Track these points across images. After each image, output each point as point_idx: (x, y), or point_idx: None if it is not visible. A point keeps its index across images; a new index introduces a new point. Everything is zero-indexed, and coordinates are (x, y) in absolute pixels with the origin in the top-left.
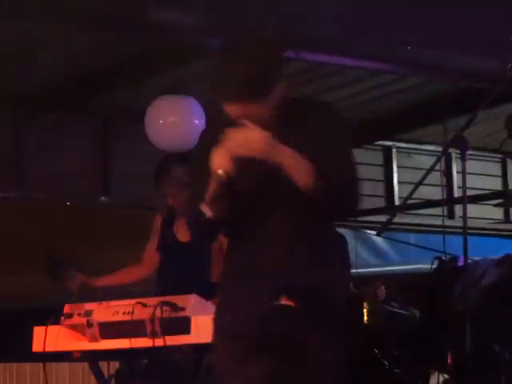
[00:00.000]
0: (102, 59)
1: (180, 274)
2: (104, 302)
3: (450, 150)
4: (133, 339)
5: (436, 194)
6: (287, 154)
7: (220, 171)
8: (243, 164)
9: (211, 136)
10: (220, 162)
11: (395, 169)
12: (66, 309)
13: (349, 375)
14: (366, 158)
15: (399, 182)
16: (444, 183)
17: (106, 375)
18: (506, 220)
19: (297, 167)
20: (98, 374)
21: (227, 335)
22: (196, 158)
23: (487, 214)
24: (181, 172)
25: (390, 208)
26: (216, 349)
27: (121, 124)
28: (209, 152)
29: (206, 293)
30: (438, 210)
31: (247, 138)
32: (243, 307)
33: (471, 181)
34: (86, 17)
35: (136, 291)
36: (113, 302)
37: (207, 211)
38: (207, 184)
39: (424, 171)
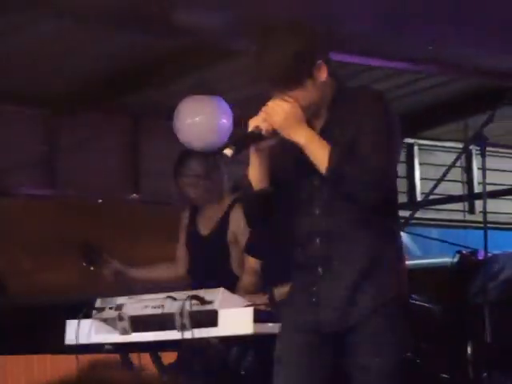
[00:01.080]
0: (131, 59)
1: (205, 267)
2: (134, 296)
3: (471, 146)
4: (162, 332)
5: (457, 189)
6: (304, 135)
7: (252, 126)
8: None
9: None
10: (254, 121)
11: (417, 165)
12: (98, 303)
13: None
14: None
15: (421, 178)
16: (464, 179)
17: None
18: None
19: (312, 150)
20: (128, 365)
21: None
22: None
23: (506, 208)
24: (196, 163)
25: (413, 203)
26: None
27: (150, 123)
28: None
29: (229, 285)
30: (458, 205)
31: (273, 110)
32: None
33: (491, 177)
34: (113, 17)
35: (167, 285)
36: (143, 296)
37: (228, 151)
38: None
39: (445, 167)
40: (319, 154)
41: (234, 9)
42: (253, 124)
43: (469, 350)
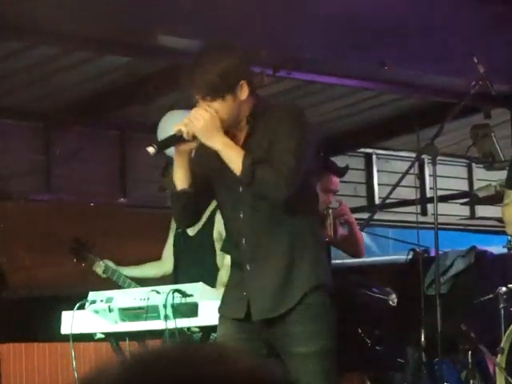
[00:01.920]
0: (118, 78)
1: (188, 265)
2: (123, 290)
3: (423, 155)
4: (148, 322)
5: (411, 194)
6: (220, 141)
7: (175, 130)
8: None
9: None
10: (177, 126)
11: (375, 173)
12: (90, 296)
13: (337, 352)
14: (349, 164)
15: (379, 184)
16: (417, 185)
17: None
18: (472, 216)
19: (227, 155)
20: (118, 351)
21: None
22: None
23: (455, 211)
24: None
25: (371, 207)
26: None
27: (136, 135)
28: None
29: (210, 280)
30: (412, 208)
31: (195, 117)
32: None
33: (441, 182)
34: (102, 42)
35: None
36: (130, 290)
37: (151, 149)
38: None
39: (400, 174)
40: (234, 158)
41: (208, 35)
42: (176, 128)
43: (422, 337)
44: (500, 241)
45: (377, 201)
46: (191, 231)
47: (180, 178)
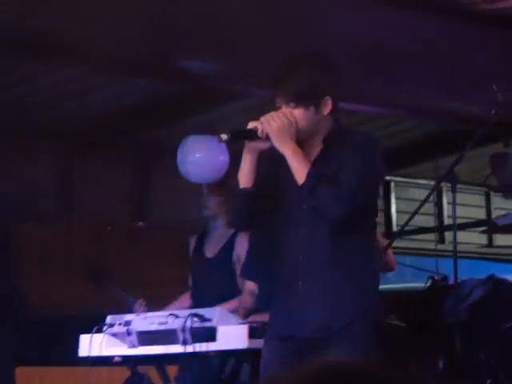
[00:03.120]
0: (142, 100)
1: (206, 289)
2: (141, 314)
3: (441, 183)
4: (166, 346)
5: (429, 221)
6: (291, 148)
7: (250, 125)
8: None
9: None
10: (253, 123)
11: (393, 200)
12: (108, 319)
13: None
14: None
15: (397, 211)
16: (436, 212)
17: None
18: (490, 245)
19: (294, 163)
20: (136, 375)
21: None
22: None
23: (473, 239)
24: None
25: (389, 234)
26: None
27: (157, 158)
28: None
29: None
30: (429, 236)
31: (272, 118)
32: None
33: (459, 210)
34: (125, 64)
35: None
36: (149, 314)
37: (224, 136)
38: None
39: (418, 202)
40: (300, 167)
41: (232, 57)
42: (252, 124)
43: (440, 365)
44: None
45: (395, 228)
46: (210, 253)
47: (244, 176)
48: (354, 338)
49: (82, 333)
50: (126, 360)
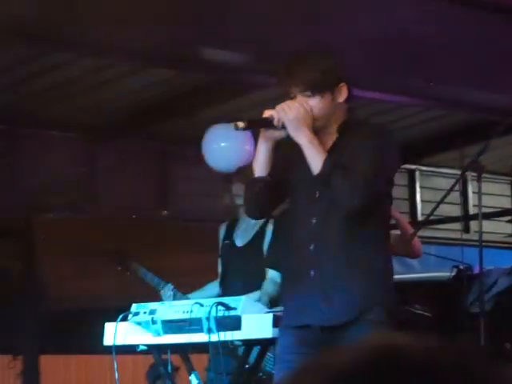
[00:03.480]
0: (162, 92)
1: (237, 277)
2: (166, 303)
3: (467, 172)
4: (191, 335)
5: (454, 211)
6: (307, 136)
7: (266, 113)
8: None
9: None
10: (269, 111)
11: (418, 189)
12: (133, 308)
13: None
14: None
15: (422, 201)
16: (461, 202)
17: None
18: None
19: (310, 152)
20: (161, 364)
21: None
22: None
23: (499, 228)
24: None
25: (414, 223)
26: None
27: (179, 148)
28: None
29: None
30: (454, 225)
31: (288, 107)
32: None
33: (485, 200)
34: (148, 55)
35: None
36: (174, 302)
37: (240, 124)
38: None
39: (443, 191)
40: (316, 157)
41: (253, 50)
42: (268, 112)
43: None
44: None
45: (420, 217)
46: (240, 242)
47: (260, 165)
48: (368, 326)
49: (108, 322)
50: (151, 348)
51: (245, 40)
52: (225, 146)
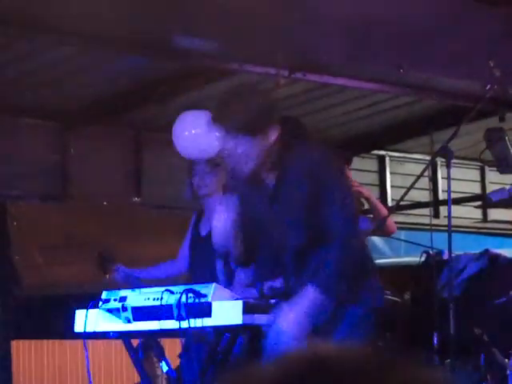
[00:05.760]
0: (135, 79)
1: (201, 266)
2: (136, 290)
3: (436, 158)
4: (161, 322)
5: (423, 196)
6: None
7: None
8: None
9: None
10: None
11: (388, 175)
12: (104, 295)
13: None
14: (363, 165)
15: (392, 186)
16: (430, 187)
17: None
18: (484, 219)
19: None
20: (130, 350)
21: None
22: None
23: (468, 214)
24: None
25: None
26: None
27: (150, 135)
28: None
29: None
30: (424, 211)
31: None
32: None
33: (454, 185)
34: (120, 42)
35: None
36: (144, 290)
37: None
38: None
39: (413, 177)
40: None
41: (222, 36)
42: None
43: (435, 339)
44: None
45: (390, 203)
46: (204, 231)
47: None
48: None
49: (79, 308)
50: (121, 335)
51: (217, 27)
52: (195, 133)
